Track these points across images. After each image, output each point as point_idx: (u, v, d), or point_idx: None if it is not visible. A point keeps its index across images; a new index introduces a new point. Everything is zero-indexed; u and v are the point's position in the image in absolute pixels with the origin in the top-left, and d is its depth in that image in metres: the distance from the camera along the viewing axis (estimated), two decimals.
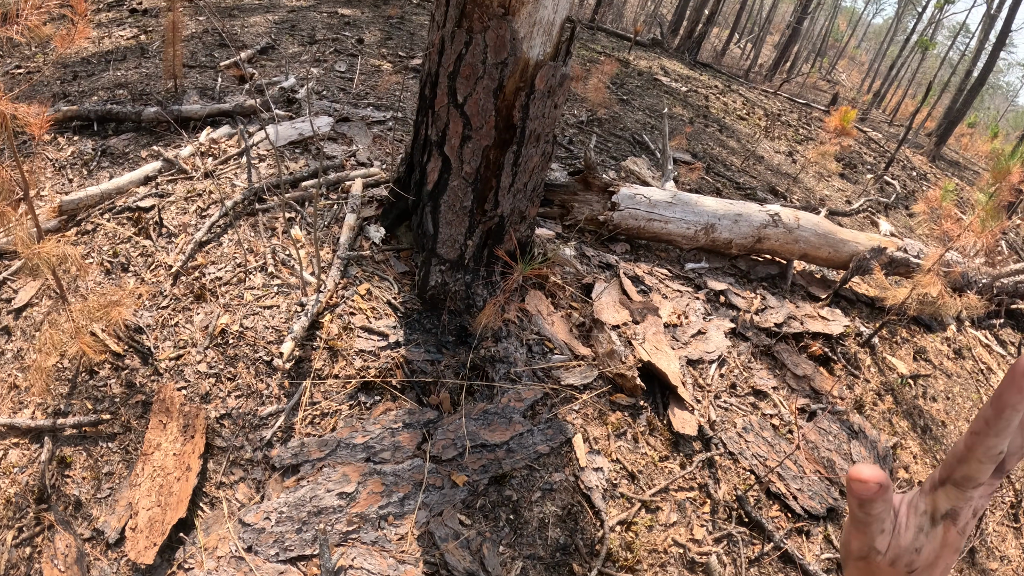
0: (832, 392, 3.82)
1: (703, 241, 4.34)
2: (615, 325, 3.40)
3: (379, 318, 3.18)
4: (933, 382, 4.78)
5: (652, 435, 3.08)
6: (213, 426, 2.92)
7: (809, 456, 3.43)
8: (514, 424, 2.94)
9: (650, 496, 2.88)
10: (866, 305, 4.83)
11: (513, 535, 2.70)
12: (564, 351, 3.25)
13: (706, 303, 3.87)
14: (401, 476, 2.81)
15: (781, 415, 3.52)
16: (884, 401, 4.16)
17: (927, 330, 5.28)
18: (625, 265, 3.91)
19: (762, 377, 3.62)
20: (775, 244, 4.54)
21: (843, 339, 4.23)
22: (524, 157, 3.05)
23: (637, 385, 3.13)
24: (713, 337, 3.64)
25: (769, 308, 4.05)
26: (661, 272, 3.98)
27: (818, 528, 3.29)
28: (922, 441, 4.23)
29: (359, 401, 2.98)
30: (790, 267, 4.55)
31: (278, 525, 2.75)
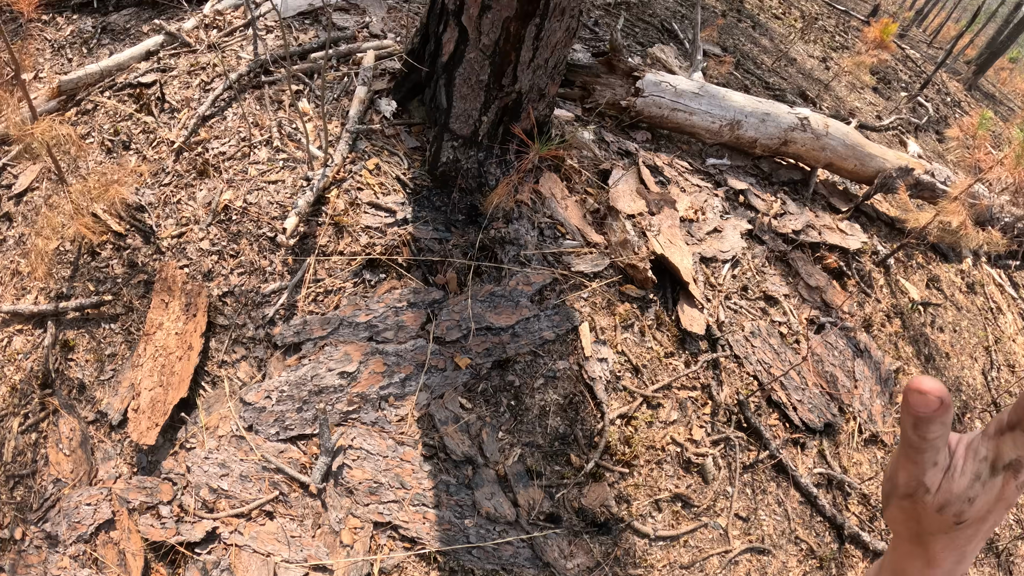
0: (843, 307, 3.95)
1: (727, 137, 4.34)
2: (630, 214, 3.43)
3: (387, 194, 3.17)
4: (943, 312, 4.97)
5: (659, 330, 3.18)
6: (215, 304, 2.97)
7: (813, 369, 3.59)
8: (521, 308, 3.00)
9: (652, 392, 3.01)
10: (885, 224, 4.93)
11: (513, 421, 2.82)
12: (576, 237, 3.29)
13: (725, 201, 3.91)
14: (404, 356, 2.88)
15: (790, 324, 3.65)
16: (892, 324, 4.33)
17: (943, 259, 5.43)
18: (645, 154, 3.91)
19: (774, 283, 3.72)
20: (801, 149, 4.56)
21: (859, 255, 4.35)
22: (547, 31, 2.99)
23: (648, 278, 3.20)
24: (729, 236, 3.70)
25: (788, 214, 4.12)
26: (681, 165, 3.99)
27: (813, 442, 3.49)
28: (924, 370, 4.44)
29: (364, 279, 3.01)
30: (814, 175, 4.60)
31: (279, 404, 2.83)
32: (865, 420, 3.74)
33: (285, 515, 2.75)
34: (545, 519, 2.73)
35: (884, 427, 3.87)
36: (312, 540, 2.72)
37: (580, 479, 2.78)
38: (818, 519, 3.39)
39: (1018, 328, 5.97)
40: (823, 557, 3.36)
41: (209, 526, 2.75)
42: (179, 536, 2.74)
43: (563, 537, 2.71)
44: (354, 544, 2.68)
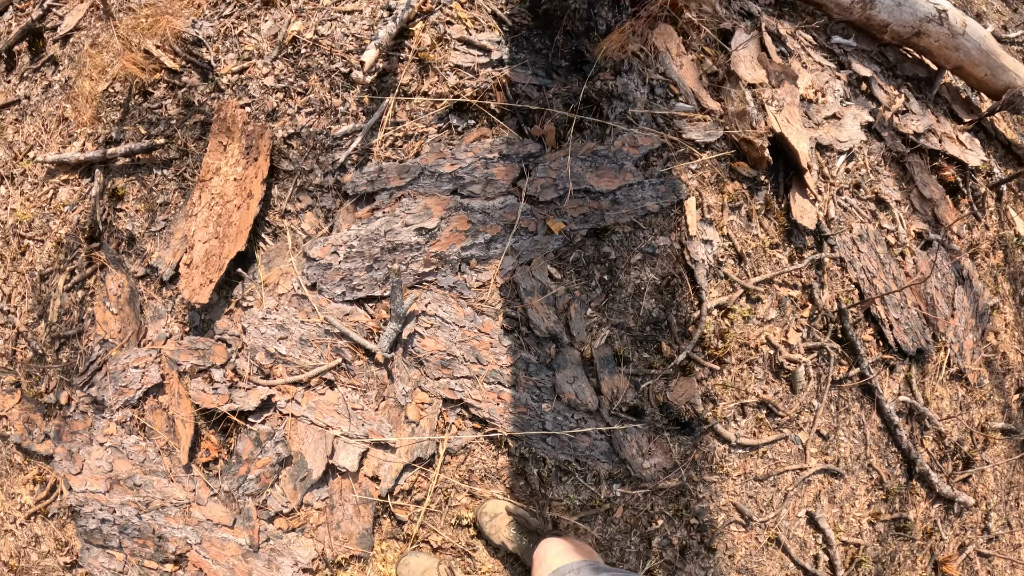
0: (953, 227, 3.68)
1: (857, 15, 3.93)
2: (751, 83, 3.09)
3: (481, 30, 2.83)
4: None
5: (767, 217, 2.91)
6: (279, 147, 2.75)
7: (914, 288, 3.35)
8: (624, 172, 2.71)
9: (754, 284, 2.77)
10: (1003, 146, 4.59)
11: (604, 299, 2.58)
12: (690, 100, 2.96)
13: (847, 86, 3.56)
14: (491, 215, 2.62)
15: (897, 234, 3.38)
16: (995, 255, 4.07)
17: None
18: (768, 19, 3.52)
19: (888, 186, 3.43)
20: (933, 44, 4.15)
21: (975, 173, 4.04)
22: None
23: (764, 157, 2.90)
24: (848, 126, 3.38)
25: (911, 112, 3.77)
26: (805, 37, 3.61)
27: (903, 366, 3.29)
28: (1018, 312, 4.22)
29: (450, 124, 2.72)
30: (940, 75, 4.21)
31: (347, 261, 2.60)
32: (955, 353, 3.55)
33: (347, 385, 2.57)
34: (628, 411, 2.55)
35: (972, 364, 3.68)
36: (375, 414, 2.55)
37: (668, 371, 2.58)
38: (893, 449, 3.25)
39: None
40: (890, 490, 3.23)
41: (264, 394, 2.59)
42: (232, 404, 2.58)
43: (644, 433, 2.54)
44: (420, 421, 2.51)
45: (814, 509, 2.95)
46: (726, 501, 2.73)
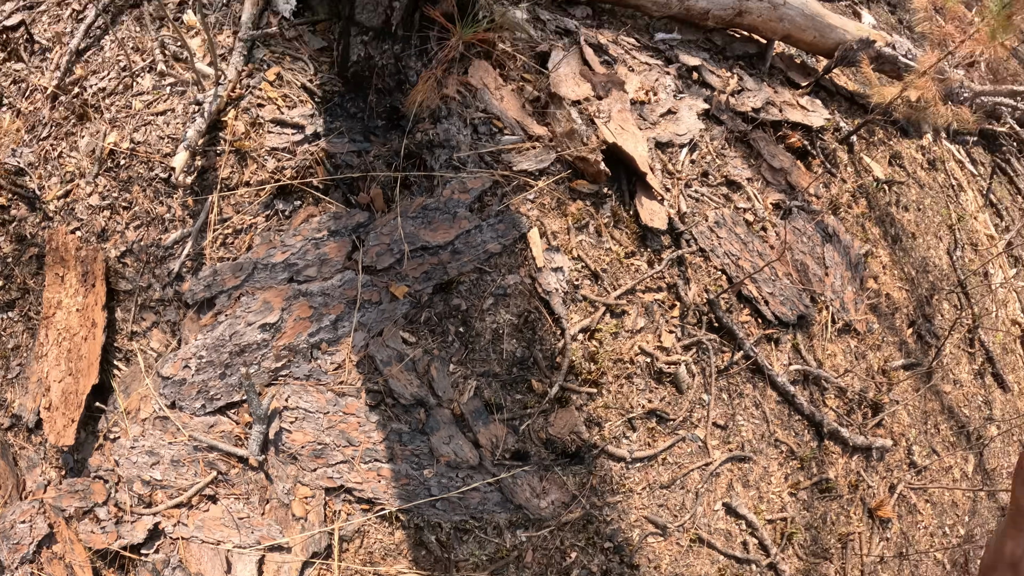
0: (808, 189, 3.72)
1: (676, 8, 3.97)
2: (575, 100, 3.08)
3: (293, 107, 2.76)
4: (906, 190, 4.81)
5: (617, 228, 2.89)
6: (115, 267, 2.65)
7: (782, 259, 3.37)
8: (459, 220, 2.66)
9: (615, 299, 2.74)
10: (846, 100, 4.69)
11: (464, 350, 2.52)
12: (516, 131, 2.93)
13: (677, 79, 3.58)
14: (331, 294, 2.54)
15: (755, 210, 3.40)
16: (858, 204, 4.13)
17: (903, 135, 5.25)
18: (586, 31, 3.52)
19: (736, 166, 3.45)
20: (757, 20, 4.23)
21: (822, 133, 4.10)
22: None
23: (601, 170, 2.88)
24: (685, 118, 3.39)
25: (746, 90, 3.82)
26: (627, 41, 3.62)
27: (787, 336, 3.30)
28: (892, 251, 4.30)
29: (276, 210, 2.65)
30: (770, 47, 4.29)
31: (199, 373, 2.51)
32: (838, 309, 3.58)
33: (229, 496, 2.46)
34: (511, 457, 2.48)
35: (857, 315, 3.72)
36: (262, 518, 2.44)
37: (545, 406, 2.53)
38: (796, 418, 3.25)
39: (978, 206, 5.91)
40: (803, 457, 3.23)
41: (150, 523, 2.47)
42: (122, 539, 2.46)
43: (533, 474, 2.47)
44: (308, 515, 2.41)
45: (729, 499, 2.92)
46: (637, 516, 2.69)
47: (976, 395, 4.81)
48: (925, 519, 4.06)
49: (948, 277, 4.81)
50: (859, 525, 3.55)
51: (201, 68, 2.71)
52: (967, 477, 4.53)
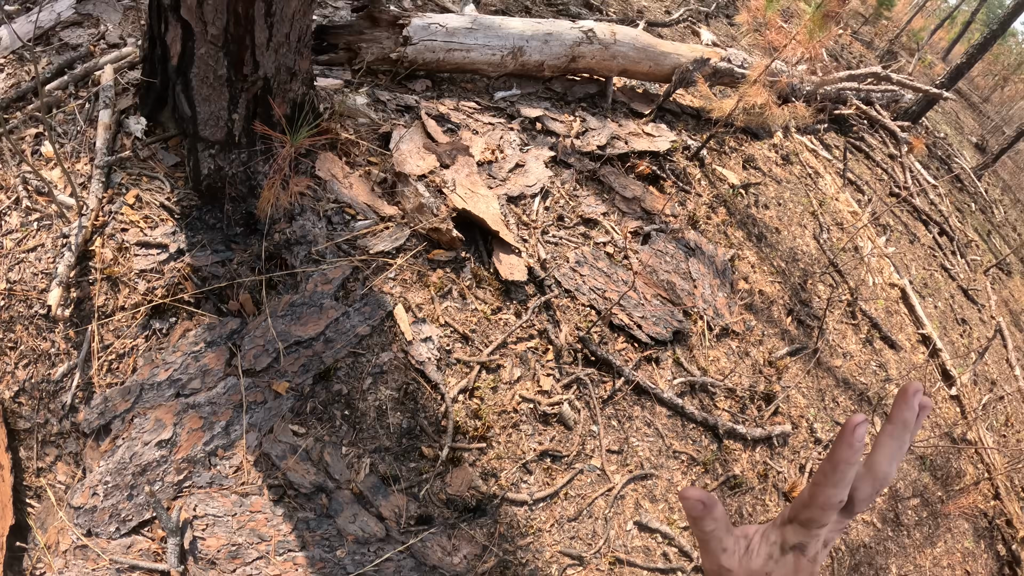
0: (664, 211, 3.94)
1: (512, 66, 4.19)
2: (421, 175, 3.22)
3: (154, 227, 2.83)
4: (764, 189, 5.10)
5: (480, 287, 3.02)
6: (10, 408, 2.64)
7: (648, 281, 3.55)
8: (326, 311, 2.76)
9: (488, 355, 2.86)
10: (692, 117, 4.98)
11: (353, 432, 2.60)
12: (368, 215, 3.05)
13: (522, 133, 3.77)
14: (218, 402, 2.60)
15: (615, 241, 3.58)
16: (717, 213, 4.38)
17: (754, 138, 5.58)
18: (427, 104, 3.69)
19: (590, 204, 3.64)
20: (591, 62, 4.48)
21: (671, 155, 4.35)
22: (279, 3, 2.70)
23: (455, 237, 3.02)
24: (533, 169, 3.57)
25: (590, 130, 4.03)
26: (468, 106, 3.81)
27: (667, 353, 3.47)
28: (758, 249, 4.55)
29: (154, 330, 2.69)
30: (609, 84, 4.54)
31: (108, 498, 2.52)
32: (712, 316, 3.77)
33: None
34: (417, 522, 2.55)
35: (732, 318, 3.92)
36: None
37: (439, 469, 2.61)
38: (691, 427, 3.40)
39: (838, 187, 6.27)
40: (706, 461, 3.37)
41: None
42: None
43: (441, 534, 2.55)
44: None
45: (639, 516, 3.04)
46: (551, 553, 2.77)
47: (869, 362, 5.05)
48: None
49: (819, 260, 5.09)
50: (777, 510, 3.69)
51: (63, 200, 2.75)
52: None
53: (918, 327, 6.06)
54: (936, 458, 5.35)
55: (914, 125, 9.38)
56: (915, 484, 4.92)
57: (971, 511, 5.43)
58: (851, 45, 13.76)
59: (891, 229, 7.00)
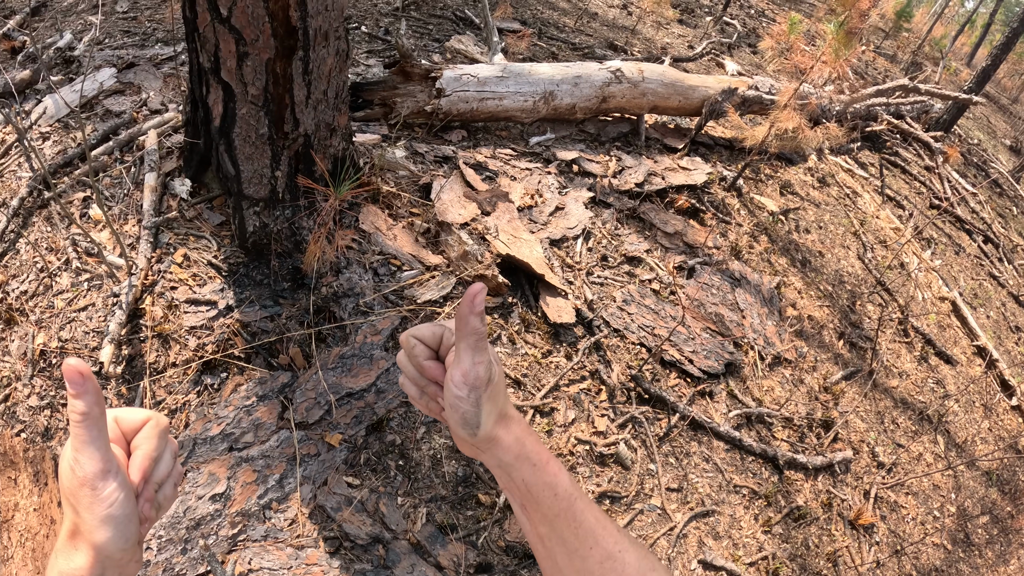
0: (707, 243, 3.87)
1: (544, 111, 4.20)
2: (464, 223, 3.22)
3: (203, 284, 2.86)
4: (803, 214, 5.00)
5: (529, 332, 2.98)
6: None
7: (696, 314, 3.48)
8: (376, 362, 2.74)
9: (541, 399, 2.81)
10: (725, 148, 4.92)
11: (408, 482, 2.56)
12: (414, 265, 3.05)
13: (559, 176, 3.76)
14: (271, 456, 2.59)
15: (660, 278, 3.53)
16: (759, 242, 4.29)
17: (788, 164, 5.49)
18: (464, 154, 3.71)
19: (632, 242, 3.60)
20: (622, 101, 4.47)
21: (708, 187, 4.29)
22: (315, 62, 2.75)
23: (501, 283, 2.99)
24: (573, 211, 3.55)
25: (627, 169, 4.01)
26: (505, 153, 3.81)
27: (720, 386, 3.38)
28: (803, 274, 4.44)
29: (205, 385, 2.71)
30: (641, 122, 4.52)
31: (161, 552, 2.51)
32: (763, 346, 3.68)
33: None
34: (476, 571, 2.49)
35: (783, 345, 3.82)
36: None
37: (497, 516, 2.56)
38: (750, 459, 3.30)
39: (878, 204, 6.13)
40: (767, 494, 3.26)
41: None
42: None
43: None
44: None
45: (703, 555, 2.93)
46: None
47: (926, 380, 4.88)
48: (911, 511, 4.05)
49: (866, 280, 4.96)
50: (844, 539, 3.55)
51: (112, 260, 2.80)
52: (940, 457, 4.54)
53: (972, 339, 5.84)
54: (1002, 472, 5.12)
55: (947, 134, 9.19)
56: (983, 501, 4.71)
57: None
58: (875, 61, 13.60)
59: (935, 242, 6.80)
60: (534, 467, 0.74)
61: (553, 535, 0.73)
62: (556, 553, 0.73)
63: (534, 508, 0.74)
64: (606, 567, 0.71)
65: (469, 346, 0.71)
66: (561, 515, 0.73)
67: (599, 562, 0.71)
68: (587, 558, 0.71)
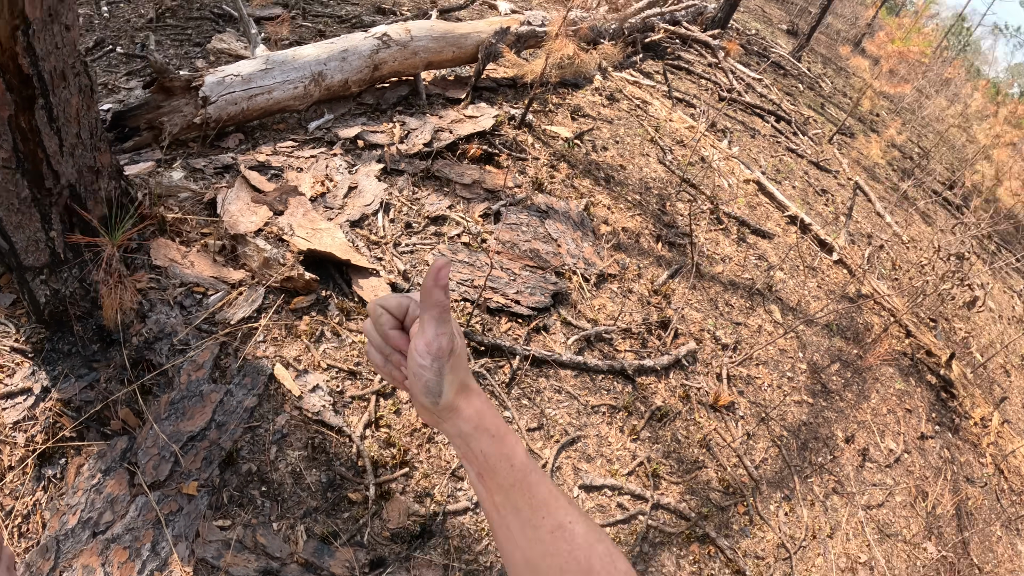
0: (507, 185, 3.95)
1: (318, 94, 4.09)
2: (258, 229, 3.11)
3: (12, 374, 2.62)
4: (598, 133, 5.19)
5: (351, 319, 2.95)
6: None
7: (511, 255, 3.55)
8: (207, 396, 2.62)
9: (380, 382, 2.79)
10: (509, 88, 5.01)
11: (277, 505, 2.48)
12: (218, 287, 2.92)
13: (346, 155, 3.70)
14: (136, 527, 2.43)
15: (468, 229, 3.57)
16: (560, 170, 4.43)
17: (575, 88, 5.67)
18: (244, 158, 3.56)
19: (433, 202, 3.61)
20: (395, 65, 4.43)
21: (498, 129, 4.36)
22: (59, 106, 2.53)
23: (309, 280, 2.93)
24: (367, 187, 3.51)
25: (412, 131, 4.00)
26: (286, 146, 3.70)
27: (552, 318, 3.48)
28: (609, 191, 4.63)
29: (48, 478, 2.50)
30: (419, 81, 4.51)
31: None
32: (584, 268, 3.82)
33: None
34: (371, 568, 2.47)
35: (604, 263, 3.98)
36: None
37: (373, 508, 2.54)
38: (600, 378, 3.43)
39: (669, 108, 6.46)
40: (626, 405, 3.42)
41: None
42: None
43: (398, 571, 2.48)
44: None
45: (581, 479, 3.05)
46: None
47: (747, 258, 5.23)
48: (765, 379, 4.36)
49: (671, 182, 5.23)
50: (710, 423, 3.78)
51: None
52: (779, 324, 4.89)
53: (783, 211, 6.33)
54: (840, 321, 5.61)
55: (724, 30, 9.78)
56: (830, 351, 5.14)
57: (890, 356, 5.74)
58: None
59: (730, 131, 7.27)
60: (492, 438, 0.78)
61: (508, 504, 0.77)
62: (510, 521, 0.77)
63: (491, 477, 0.78)
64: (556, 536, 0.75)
65: (432, 317, 0.75)
66: (516, 485, 0.77)
67: (550, 531, 0.75)
68: (539, 527, 0.75)
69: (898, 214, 9.07)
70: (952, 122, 15.50)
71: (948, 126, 15.81)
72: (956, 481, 5.31)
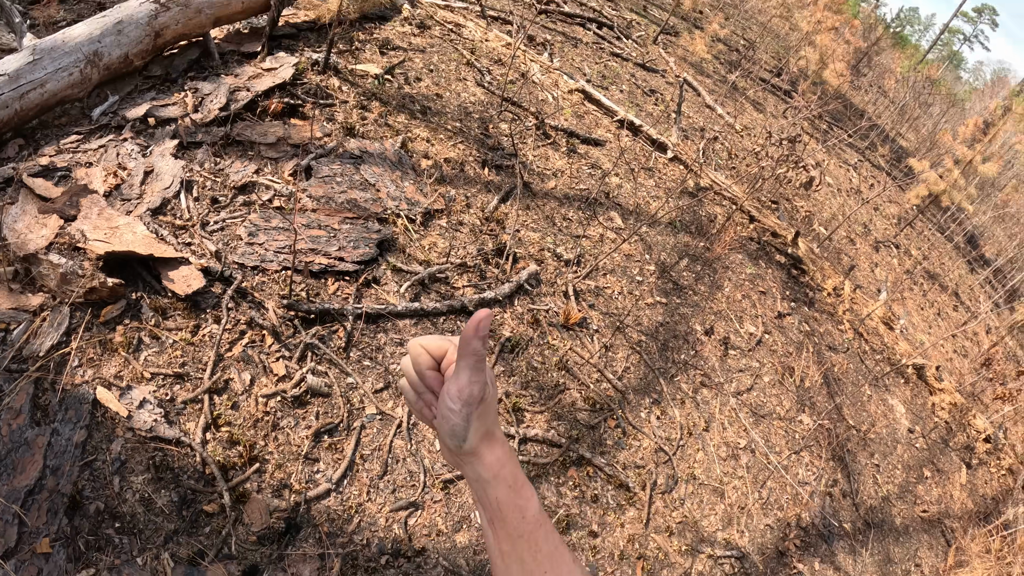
0: (315, 136, 3.84)
1: (98, 76, 3.78)
2: (50, 243, 2.91)
3: None
4: (410, 64, 5.07)
5: (168, 318, 2.84)
6: None
7: (328, 210, 3.49)
8: (34, 442, 2.47)
9: (211, 381, 2.72)
10: (311, 31, 4.78)
11: (135, 538, 2.41)
12: (19, 319, 2.72)
13: (137, 138, 3.47)
14: None
15: (279, 192, 3.47)
16: (372, 110, 4.32)
17: (383, 21, 5.47)
18: (26, 165, 3.28)
19: (237, 169, 3.46)
20: (179, 29, 4.13)
21: (300, 78, 4.18)
22: None
23: (112, 286, 2.78)
24: (164, 168, 3.32)
25: (206, 97, 3.78)
26: (70, 142, 3.42)
27: (381, 267, 3.46)
28: (427, 123, 4.57)
29: None
30: (209, 40, 4.23)
31: None
32: (408, 208, 3.80)
33: None
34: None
35: (428, 199, 3.97)
36: None
37: (232, 515, 2.51)
38: (441, 320, 3.47)
39: (484, 28, 6.35)
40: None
41: None
42: None
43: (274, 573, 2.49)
44: None
45: None
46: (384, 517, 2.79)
47: (580, 169, 5.33)
48: (614, 287, 4.52)
49: (492, 103, 5.21)
50: (564, 344, 3.91)
51: None
52: (621, 230, 5.05)
53: (612, 116, 6.45)
54: (683, 217, 5.85)
55: None
56: (676, 248, 5.36)
57: (737, 243, 6.06)
58: None
59: (550, 43, 7.25)
60: (509, 488, 0.82)
61: (514, 554, 0.81)
62: (514, 571, 0.81)
63: (501, 525, 0.82)
64: None
65: (468, 365, 0.78)
66: (524, 537, 0.81)
67: None
68: None
69: (729, 105, 9.42)
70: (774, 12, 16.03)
71: (771, 16, 16.36)
72: (819, 352, 5.77)
